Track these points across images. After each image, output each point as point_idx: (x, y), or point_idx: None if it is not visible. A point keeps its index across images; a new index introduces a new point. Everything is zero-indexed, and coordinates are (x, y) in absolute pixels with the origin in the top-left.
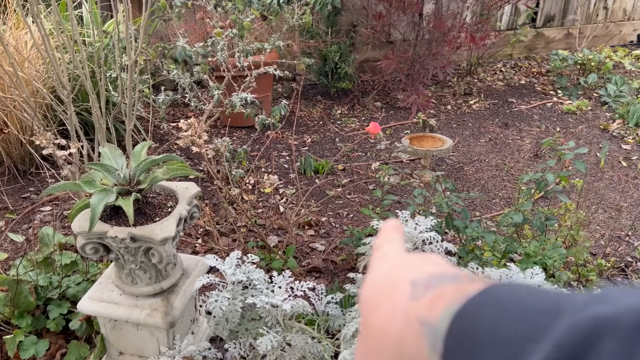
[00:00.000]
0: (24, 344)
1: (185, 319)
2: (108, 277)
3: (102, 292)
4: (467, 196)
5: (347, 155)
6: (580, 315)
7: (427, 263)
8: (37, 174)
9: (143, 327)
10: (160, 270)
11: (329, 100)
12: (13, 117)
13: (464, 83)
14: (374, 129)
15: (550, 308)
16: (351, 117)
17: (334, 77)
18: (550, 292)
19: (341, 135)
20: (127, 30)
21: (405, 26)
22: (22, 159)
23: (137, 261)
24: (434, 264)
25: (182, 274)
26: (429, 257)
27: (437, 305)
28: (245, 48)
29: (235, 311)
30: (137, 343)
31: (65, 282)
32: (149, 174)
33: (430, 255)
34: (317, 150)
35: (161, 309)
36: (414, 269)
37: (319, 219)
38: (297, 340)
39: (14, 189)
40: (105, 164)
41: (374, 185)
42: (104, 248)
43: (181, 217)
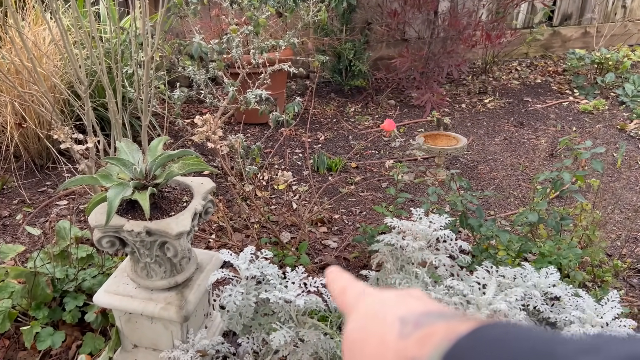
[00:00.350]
0: (41, 335)
1: (199, 313)
2: (123, 270)
3: (117, 285)
4: (481, 195)
5: (361, 153)
6: None
7: (412, 298)
8: (54, 168)
9: (157, 321)
10: (175, 265)
11: (342, 97)
12: (31, 111)
13: (479, 81)
14: (388, 127)
15: (540, 355)
16: (365, 115)
17: (348, 74)
18: (540, 335)
19: (355, 133)
20: (144, 26)
21: (420, 24)
22: (40, 154)
23: (153, 255)
24: (418, 298)
25: (197, 269)
26: (411, 292)
27: (427, 344)
28: (260, 45)
29: (248, 306)
30: (152, 336)
31: (81, 275)
32: (165, 169)
33: (412, 290)
34: (330, 147)
35: (175, 303)
36: (401, 306)
37: (331, 216)
38: (310, 335)
39: (32, 182)
40: (122, 158)
41: (387, 183)
42: (120, 241)
43: (196, 212)
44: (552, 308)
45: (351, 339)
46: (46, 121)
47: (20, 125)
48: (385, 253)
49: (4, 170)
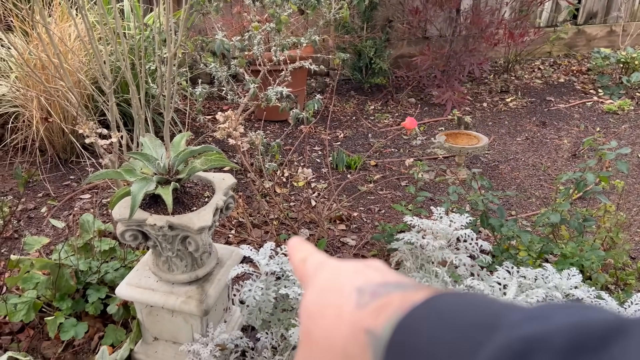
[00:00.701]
0: (64, 326)
1: (218, 307)
2: (145, 264)
3: (139, 279)
4: (502, 195)
5: (380, 151)
6: (513, 333)
7: (370, 269)
8: (77, 162)
9: (178, 314)
10: (196, 259)
11: (362, 95)
12: (56, 106)
13: (501, 80)
14: (410, 124)
15: (487, 323)
16: (384, 112)
17: (368, 72)
18: (492, 303)
19: (374, 131)
20: (168, 22)
21: (441, 22)
22: (64, 148)
23: (174, 249)
24: (376, 269)
25: (217, 263)
26: (371, 262)
27: (382, 314)
28: (281, 42)
29: (268, 301)
30: (172, 329)
31: (104, 268)
32: (188, 165)
33: (371, 261)
34: (349, 145)
35: (196, 297)
36: (359, 276)
37: (350, 213)
38: None
39: (56, 176)
40: (146, 153)
41: (406, 181)
42: (142, 235)
43: (218, 207)
44: None
45: (308, 311)
46: (71, 116)
47: (46, 120)
48: (405, 251)
49: (29, 164)
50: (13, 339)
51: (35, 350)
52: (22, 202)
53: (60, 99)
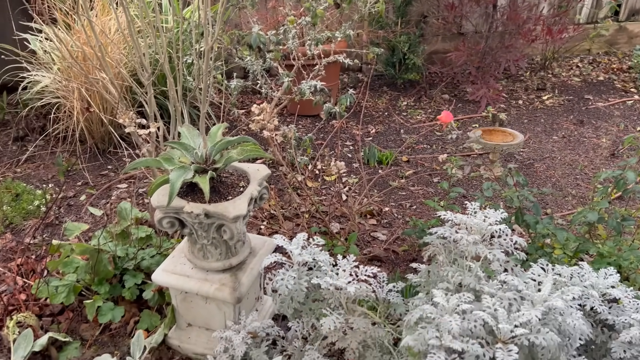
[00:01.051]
0: (102, 309)
1: (250, 296)
2: (181, 251)
3: (175, 265)
4: (538, 192)
5: (412, 147)
6: None
7: None
8: (115, 153)
9: (211, 301)
10: (230, 247)
11: (395, 91)
12: (96, 98)
13: (537, 78)
14: (445, 118)
15: None
16: (417, 109)
17: (402, 68)
18: None
19: (406, 127)
20: (206, 16)
21: (477, 17)
22: (102, 139)
23: (209, 237)
24: None
25: (250, 253)
26: None
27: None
28: (316, 36)
29: (300, 290)
30: (205, 316)
31: (140, 255)
32: (224, 155)
33: None
34: (381, 141)
35: (229, 284)
36: None
37: (381, 208)
38: (359, 323)
39: (94, 166)
40: (184, 142)
41: (438, 178)
42: (179, 222)
43: (252, 197)
44: (610, 310)
45: None
46: (110, 107)
47: (87, 110)
48: (438, 245)
49: (69, 153)
50: (53, 320)
51: (74, 331)
52: (62, 190)
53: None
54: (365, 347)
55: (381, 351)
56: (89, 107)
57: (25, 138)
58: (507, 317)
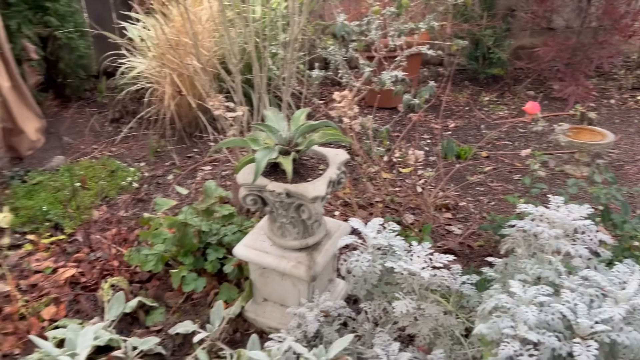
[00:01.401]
0: (187, 279)
1: (324, 277)
2: (261, 229)
3: (255, 241)
4: (628, 191)
5: (493, 143)
6: None
7: None
8: (200, 137)
9: (287, 278)
10: (307, 227)
11: (476, 86)
12: (186, 83)
13: (633, 76)
14: (532, 109)
15: None
16: (499, 104)
17: (485, 62)
18: None
19: (487, 122)
20: (294, 5)
21: (569, 12)
22: (190, 123)
23: (289, 216)
24: None
25: (325, 235)
26: None
27: None
28: (399, 27)
29: (374, 273)
30: (281, 292)
31: (223, 231)
32: (306, 137)
33: None
34: (460, 135)
35: (305, 263)
36: None
37: (457, 202)
38: (432, 310)
39: (181, 148)
40: (269, 124)
41: (519, 175)
42: (261, 200)
43: (331, 179)
44: None
45: None
46: (198, 93)
47: (179, 94)
48: (517, 238)
49: (159, 135)
50: (141, 287)
51: (159, 298)
52: (151, 169)
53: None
54: (435, 335)
55: (452, 340)
56: (180, 92)
57: (121, 120)
58: (587, 313)
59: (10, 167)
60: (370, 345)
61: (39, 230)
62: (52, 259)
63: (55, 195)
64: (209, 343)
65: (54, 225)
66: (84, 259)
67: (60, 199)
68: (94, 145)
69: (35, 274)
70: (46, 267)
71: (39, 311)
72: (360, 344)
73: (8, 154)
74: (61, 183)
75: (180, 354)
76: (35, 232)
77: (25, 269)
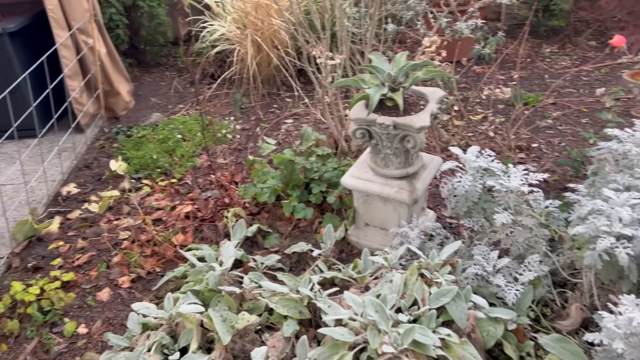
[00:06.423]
0: (297, 208)
1: (420, 203)
2: (362, 162)
3: (359, 172)
4: None
5: (557, 91)
6: None
7: None
8: (278, 94)
9: (389, 203)
10: (408, 158)
11: (537, 39)
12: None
13: None
14: (619, 42)
15: None
16: (561, 55)
17: (545, 14)
18: None
19: (551, 72)
20: None
21: None
22: (269, 81)
23: (393, 147)
24: None
25: (422, 166)
26: None
27: None
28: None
29: (475, 191)
30: (382, 216)
31: (323, 169)
32: (410, 75)
33: None
34: (525, 85)
35: (407, 188)
36: None
37: (530, 144)
38: (528, 221)
39: (262, 104)
40: (376, 65)
41: (587, 119)
42: (368, 134)
43: (432, 112)
44: None
45: None
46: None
47: (276, 48)
48: (607, 157)
49: (241, 94)
50: (253, 218)
51: (272, 226)
52: (240, 123)
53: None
54: (528, 246)
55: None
56: (277, 46)
57: (202, 81)
58: None
59: (109, 126)
60: (468, 257)
61: (152, 176)
62: (169, 198)
63: (161, 146)
64: (322, 259)
65: (164, 171)
66: (197, 198)
67: (165, 149)
68: (180, 105)
69: (157, 211)
70: (166, 205)
71: (170, 238)
72: (458, 257)
73: (106, 114)
74: (164, 136)
75: (298, 270)
76: (149, 178)
77: (148, 206)
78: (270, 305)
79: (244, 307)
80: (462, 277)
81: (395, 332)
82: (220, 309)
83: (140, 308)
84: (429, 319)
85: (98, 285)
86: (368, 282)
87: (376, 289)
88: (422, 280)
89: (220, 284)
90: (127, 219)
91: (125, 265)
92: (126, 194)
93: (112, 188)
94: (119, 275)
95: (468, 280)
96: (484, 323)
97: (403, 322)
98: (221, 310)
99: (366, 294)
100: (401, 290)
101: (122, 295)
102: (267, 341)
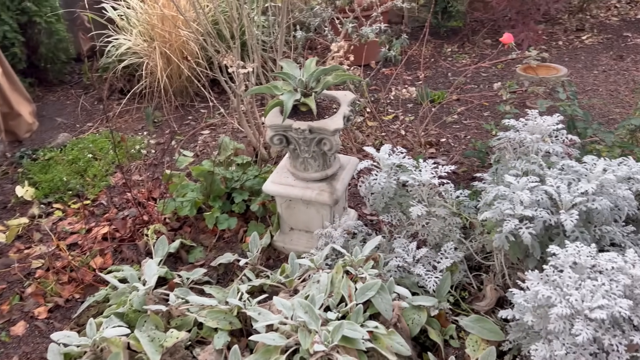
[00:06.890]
0: (220, 219)
1: (341, 204)
2: (283, 167)
3: (280, 178)
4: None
5: (461, 88)
6: None
7: None
8: (192, 106)
9: (312, 205)
10: (326, 160)
11: (438, 39)
12: (176, 53)
13: (576, 20)
14: (507, 39)
15: None
16: (461, 54)
17: (444, 16)
18: None
19: (453, 70)
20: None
21: None
22: (181, 93)
23: (310, 151)
24: None
25: (340, 167)
26: None
27: None
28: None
29: (390, 187)
30: (305, 220)
31: (244, 177)
32: (321, 80)
33: None
34: (430, 84)
35: (327, 190)
36: None
37: (438, 139)
38: (441, 212)
39: (176, 117)
40: (287, 72)
41: (488, 112)
42: (286, 140)
43: (345, 115)
44: None
45: None
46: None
47: (186, 59)
48: (507, 146)
49: (153, 108)
50: (175, 233)
51: (195, 240)
52: (154, 137)
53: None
54: (443, 235)
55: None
56: (187, 57)
57: (110, 97)
58: (567, 191)
59: (12, 150)
60: (389, 250)
61: (63, 199)
62: (83, 221)
63: (71, 167)
64: (250, 268)
65: (76, 193)
66: (114, 218)
67: (76, 170)
68: (89, 123)
69: (72, 235)
70: (80, 228)
71: (87, 262)
72: (380, 251)
73: (7, 138)
74: (73, 156)
75: (225, 281)
76: (60, 201)
77: (61, 231)
78: (199, 319)
79: (172, 324)
80: (385, 271)
81: (325, 330)
82: (147, 328)
83: (60, 337)
84: (356, 314)
85: (11, 319)
86: (296, 285)
87: (304, 291)
88: (348, 277)
89: (145, 303)
90: (38, 246)
91: (40, 295)
92: (36, 220)
93: (20, 215)
94: (35, 306)
95: (391, 273)
96: (408, 312)
97: (332, 319)
98: (148, 330)
99: (295, 297)
100: (328, 289)
101: (39, 327)
102: (199, 356)
